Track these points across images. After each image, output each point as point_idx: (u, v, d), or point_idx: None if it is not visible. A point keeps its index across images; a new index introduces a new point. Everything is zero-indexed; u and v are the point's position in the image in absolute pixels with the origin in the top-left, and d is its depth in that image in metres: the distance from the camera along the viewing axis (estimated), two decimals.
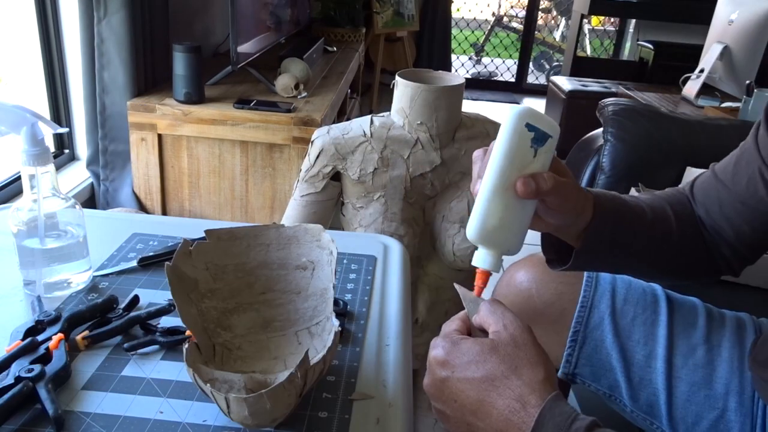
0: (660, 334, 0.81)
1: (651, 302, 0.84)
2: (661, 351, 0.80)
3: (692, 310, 0.84)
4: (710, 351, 0.79)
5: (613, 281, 0.87)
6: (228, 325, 0.69)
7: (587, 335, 0.84)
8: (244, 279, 0.72)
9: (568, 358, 0.85)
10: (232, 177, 1.84)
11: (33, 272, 0.75)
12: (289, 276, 0.73)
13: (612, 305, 0.84)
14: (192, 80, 1.77)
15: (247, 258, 0.73)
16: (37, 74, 1.83)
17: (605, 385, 0.84)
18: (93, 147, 1.85)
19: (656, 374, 0.80)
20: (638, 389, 0.81)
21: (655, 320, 0.82)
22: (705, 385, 0.78)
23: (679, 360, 0.79)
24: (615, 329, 0.82)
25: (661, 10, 4.22)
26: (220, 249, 0.71)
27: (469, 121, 1.30)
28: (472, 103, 4.85)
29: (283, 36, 2.53)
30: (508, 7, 6.97)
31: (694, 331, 0.81)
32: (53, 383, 0.59)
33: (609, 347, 0.82)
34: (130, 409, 0.59)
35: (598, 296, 0.85)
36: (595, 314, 0.84)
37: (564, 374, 0.86)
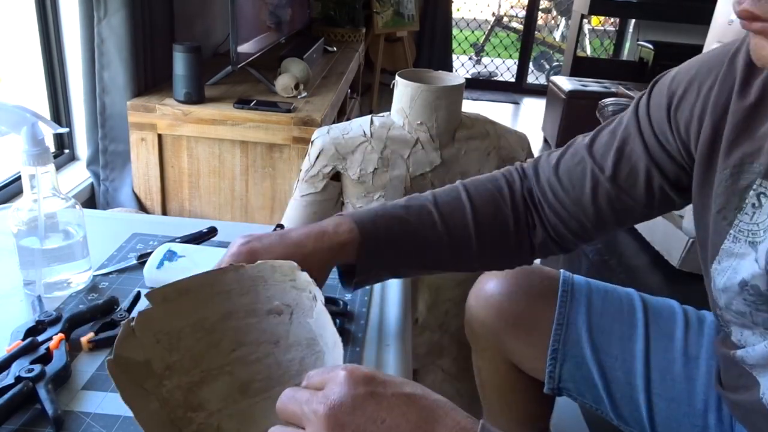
0: (638, 349, 0.79)
1: (627, 313, 0.82)
2: (639, 367, 0.78)
3: (670, 318, 0.81)
4: (687, 364, 0.77)
5: (589, 292, 0.85)
6: (198, 404, 0.56)
7: (566, 353, 0.82)
8: (205, 339, 0.59)
9: (551, 375, 0.83)
10: (232, 177, 1.84)
11: (33, 272, 0.75)
12: (262, 324, 0.60)
13: (588, 320, 0.82)
14: (192, 80, 1.77)
15: (205, 313, 0.59)
16: (37, 74, 1.83)
17: (590, 399, 0.83)
18: (93, 147, 1.85)
19: (636, 392, 0.78)
20: (620, 405, 0.80)
21: (633, 334, 0.80)
22: (684, 401, 0.76)
23: (657, 375, 0.78)
24: (593, 346, 0.81)
25: (661, 10, 4.22)
26: (169, 312, 0.57)
27: (469, 121, 1.30)
28: (472, 103, 4.85)
29: (283, 36, 2.53)
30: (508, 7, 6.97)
31: (671, 343, 0.79)
32: (53, 383, 0.59)
33: (590, 364, 0.81)
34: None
35: (574, 312, 0.83)
36: (572, 331, 0.82)
37: (550, 389, 0.84)
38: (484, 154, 1.28)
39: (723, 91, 0.62)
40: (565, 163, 0.74)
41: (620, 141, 0.70)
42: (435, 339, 1.35)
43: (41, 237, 0.74)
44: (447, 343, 1.36)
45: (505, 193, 0.75)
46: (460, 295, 1.33)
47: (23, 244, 0.74)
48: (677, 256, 1.73)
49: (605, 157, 0.71)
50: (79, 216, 0.77)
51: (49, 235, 0.74)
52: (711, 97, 0.62)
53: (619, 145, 0.70)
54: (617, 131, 0.71)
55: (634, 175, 0.69)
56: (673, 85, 0.67)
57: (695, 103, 0.64)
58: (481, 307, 0.89)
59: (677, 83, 0.66)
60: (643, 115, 0.69)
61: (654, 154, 0.68)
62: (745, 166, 0.59)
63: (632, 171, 0.69)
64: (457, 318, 1.34)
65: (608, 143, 0.71)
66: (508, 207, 0.74)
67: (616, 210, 0.71)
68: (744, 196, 0.59)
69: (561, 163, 0.74)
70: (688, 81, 0.65)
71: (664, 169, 0.68)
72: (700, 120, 0.63)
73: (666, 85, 0.68)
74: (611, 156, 0.70)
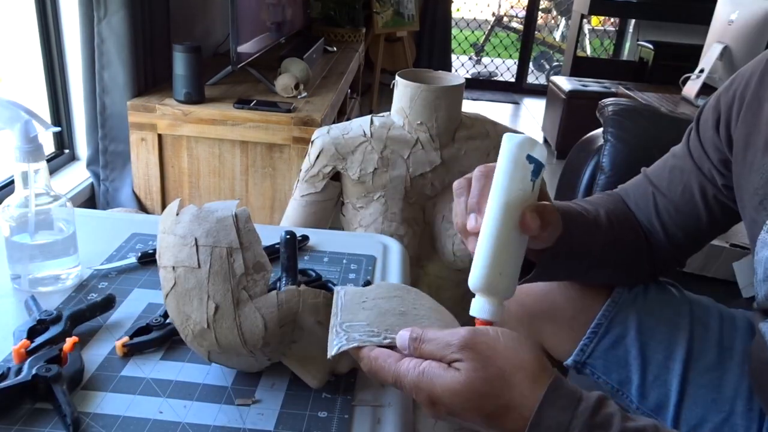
0: (681, 336, 0.81)
1: (675, 302, 0.85)
2: (680, 353, 0.80)
3: (707, 311, 0.84)
4: (722, 353, 0.79)
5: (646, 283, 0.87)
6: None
7: (609, 329, 0.83)
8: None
9: (584, 348, 0.84)
10: (232, 177, 1.84)
11: (20, 267, 0.76)
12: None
13: (642, 305, 0.84)
14: (192, 80, 1.77)
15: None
16: (37, 74, 1.83)
17: (615, 379, 0.83)
18: (93, 147, 1.85)
19: (672, 375, 0.79)
20: (651, 388, 0.81)
21: (678, 322, 0.82)
22: (714, 388, 0.77)
23: (694, 362, 0.79)
24: (639, 327, 0.82)
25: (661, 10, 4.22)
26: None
27: (469, 121, 1.30)
28: (472, 103, 4.85)
29: (283, 36, 2.53)
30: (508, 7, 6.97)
31: (707, 333, 0.81)
32: (68, 385, 0.60)
33: (629, 344, 0.82)
34: (130, 409, 0.59)
35: (632, 295, 0.85)
36: (622, 311, 0.84)
37: (574, 362, 0.85)
38: (484, 154, 1.28)
39: (761, 87, 0.67)
40: (630, 189, 0.84)
41: (671, 165, 0.81)
42: None
43: (31, 233, 0.74)
44: None
45: (629, 211, 0.83)
46: (460, 295, 1.33)
47: (12, 239, 0.74)
48: None
49: (660, 178, 0.81)
50: (69, 213, 0.77)
51: (39, 231, 0.75)
52: (748, 95, 0.68)
53: (670, 169, 0.80)
54: (668, 159, 0.82)
55: (689, 192, 0.77)
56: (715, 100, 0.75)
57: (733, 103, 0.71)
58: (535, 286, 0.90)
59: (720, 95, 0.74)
60: (693, 140, 0.78)
61: (706, 173, 0.76)
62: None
63: (686, 189, 0.78)
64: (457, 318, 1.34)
65: (661, 167, 0.82)
66: (635, 220, 0.82)
67: (681, 227, 0.79)
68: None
69: (629, 190, 0.84)
70: (725, 89, 0.73)
71: (718, 184, 0.75)
72: (738, 116, 0.69)
73: (711, 105, 0.76)
74: (665, 177, 0.80)
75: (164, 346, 0.68)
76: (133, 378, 0.63)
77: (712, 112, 0.76)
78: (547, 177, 1.70)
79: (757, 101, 0.67)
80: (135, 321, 0.73)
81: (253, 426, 0.58)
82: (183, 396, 0.61)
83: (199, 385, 0.63)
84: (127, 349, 0.66)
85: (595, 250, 0.76)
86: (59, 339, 0.65)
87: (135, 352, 0.67)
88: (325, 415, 0.60)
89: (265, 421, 0.59)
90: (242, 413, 0.60)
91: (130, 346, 0.66)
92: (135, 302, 0.76)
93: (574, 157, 1.82)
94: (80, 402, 0.59)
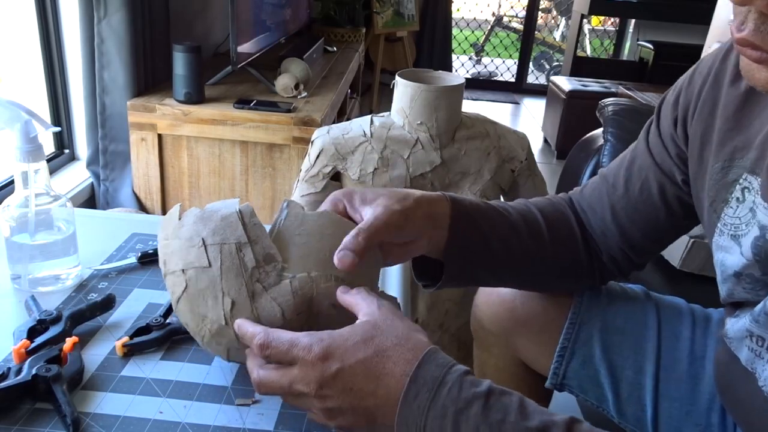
0: (649, 349, 0.79)
1: (641, 312, 0.82)
2: (650, 367, 0.78)
3: (678, 318, 0.81)
4: (693, 364, 0.77)
5: (607, 293, 0.84)
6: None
7: (575, 351, 0.82)
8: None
9: (555, 371, 0.83)
10: (232, 177, 1.84)
11: (20, 267, 0.76)
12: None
13: (603, 320, 0.82)
14: (192, 80, 1.77)
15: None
16: (37, 74, 1.83)
17: (593, 397, 0.82)
18: (93, 147, 1.85)
19: (644, 391, 0.78)
20: (626, 405, 0.79)
21: (645, 333, 0.80)
22: (688, 400, 0.76)
23: (665, 375, 0.77)
24: (603, 345, 0.80)
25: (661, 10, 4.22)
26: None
27: (469, 121, 1.30)
28: (472, 103, 4.85)
29: (283, 36, 2.53)
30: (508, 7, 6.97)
31: (679, 343, 0.79)
32: (68, 385, 0.60)
33: (597, 363, 0.80)
34: (130, 409, 0.59)
35: (589, 313, 0.82)
36: (584, 330, 0.82)
37: (552, 384, 0.84)
38: (484, 154, 1.28)
39: (716, 85, 0.64)
40: (586, 190, 0.81)
41: (629, 162, 0.76)
42: (435, 339, 1.35)
43: (31, 232, 0.74)
44: (447, 343, 1.36)
45: (564, 206, 0.80)
46: (459, 295, 1.33)
47: (12, 239, 0.74)
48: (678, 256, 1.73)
49: (617, 177, 0.77)
50: (69, 213, 0.77)
51: (39, 231, 0.75)
52: (704, 92, 0.65)
53: (627, 166, 0.76)
54: (626, 155, 0.78)
55: (646, 188, 0.74)
56: (675, 94, 0.71)
57: (691, 101, 0.67)
58: (494, 304, 0.89)
59: (679, 91, 0.70)
60: (653, 135, 0.74)
61: (665, 168, 0.72)
62: (735, 160, 0.60)
63: (644, 185, 0.74)
64: (457, 318, 1.34)
65: (618, 165, 0.78)
66: (572, 216, 0.79)
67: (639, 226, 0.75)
68: (730, 190, 0.61)
69: (584, 191, 0.81)
70: (685, 87, 0.69)
71: (677, 181, 0.72)
72: (693, 114, 0.66)
73: (669, 99, 0.72)
74: (622, 175, 0.76)
75: (164, 346, 0.68)
76: (133, 378, 0.63)
77: (672, 108, 0.72)
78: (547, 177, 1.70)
79: (711, 100, 0.65)
80: (135, 321, 0.73)
81: (253, 426, 0.58)
82: (183, 396, 0.61)
83: (199, 385, 0.63)
84: (127, 349, 0.66)
85: (515, 250, 0.73)
86: (59, 339, 0.65)
87: (135, 352, 0.67)
88: None
89: (265, 421, 0.59)
90: (242, 413, 0.60)
91: (130, 346, 0.66)
92: (135, 302, 0.76)
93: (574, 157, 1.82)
94: (80, 402, 0.59)
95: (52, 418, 0.57)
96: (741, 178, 0.59)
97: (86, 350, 0.67)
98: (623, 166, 0.77)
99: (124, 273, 0.83)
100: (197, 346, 0.69)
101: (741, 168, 0.60)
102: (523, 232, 0.73)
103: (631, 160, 0.76)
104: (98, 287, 0.79)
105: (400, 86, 1.24)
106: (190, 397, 0.61)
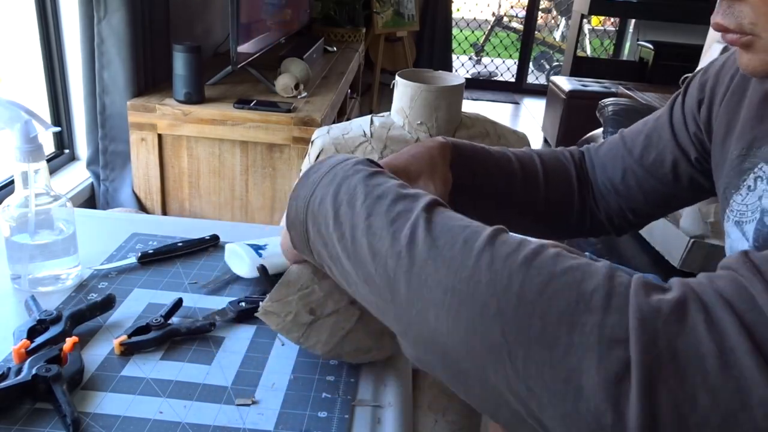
0: None
1: None
2: None
3: None
4: None
5: None
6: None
7: None
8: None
9: None
10: (232, 177, 1.84)
11: (20, 267, 0.76)
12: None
13: None
14: (192, 80, 1.77)
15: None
16: (37, 74, 1.83)
17: None
18: (93, 147, 1.85)
19: None
20: None
21: None
22: None
23: None
24: None
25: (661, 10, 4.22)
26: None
27: (469, 121, 1.30)
28: (472, 103, 4.85)
29: (283, 36, 2.53)
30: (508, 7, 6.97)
31: None
32: (68, 385, 0.60)
33: None
34: (130, 409, 0.59)
35: None
36: None
37: None
38: None
39: (746, 76, 0.65)
40: (603, 147, 0.82)
41: (650, 129, 0.78)
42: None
43: (31, 233, 0.74)
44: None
45: (569, 160, 0.83)
46: None
47: (12, 239, 0.74)
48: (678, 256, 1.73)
49: (635, 142, 0.78)
50: (69, 213, 0.77)
51: (39, 231, 0.75)
52: (734, 83, 0.67)
53: (648, 133, 0.77)
54: (649, 121, 0.79)
55: (660, 160, 0.76)
56: (704, 77, 0.73)
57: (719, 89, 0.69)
58: None
59: (708, 75, 0.72)
60: (677, 109, 0.76)
61: (682, 144, 0.74)
62: (753, 150, 0.62)
63: (659, 156, 0.76)
64: None
65: (639, 130, 0.79)
66: (573, 170, 0.82)
67: (646, 192, 0.77)
68: (744, 177, 0.62)
69: (601, 148, 0.83)
70: (716, 72, 0.71)
71: (691, 158, 0.74)
72: (722, 102, 0.68)
73: (697, 79, 0.74)
74: (640, 141, 0.78)
75: (164, 346, 0.68)
76: (133, 378, 0.63)
77: (699, 90, 0.74)
78: None
79: (740, 90, 0.66)
80: (135, 321, 0.73)
81: (253, 426, 0.58)
82: (183, 396, 0.61)
83: (199, 385, 0.63)
84: (125, 348, 0.66)
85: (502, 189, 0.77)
86: (59, 339, 0.65)
87: (134, 351, 0.67)
88: (325, 415, 0.60)
89: (265, 421, 0.59)
90: (242, 413, 0.60)
91: (128, 345, 0.66)
92: (135, 302, 0.76)
93: None
94: (80, 402, 0.59)
95: (52, 418, 0.57)
96: (756, 167, 0.61)
97: (86, 350, 0.67)
98: (643, 132, 0.78)
99: (124, 273, 0.83)
100: (197, 346, 0.69)
101: (758, 158, 0.61)
102: (518, 178, 0.77)
103: (652, 128, 0.78)
104: (98, 287, 0.79)
105: (400, 86, 1.24)
106: (190, 397, 0.61)
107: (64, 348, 0.63)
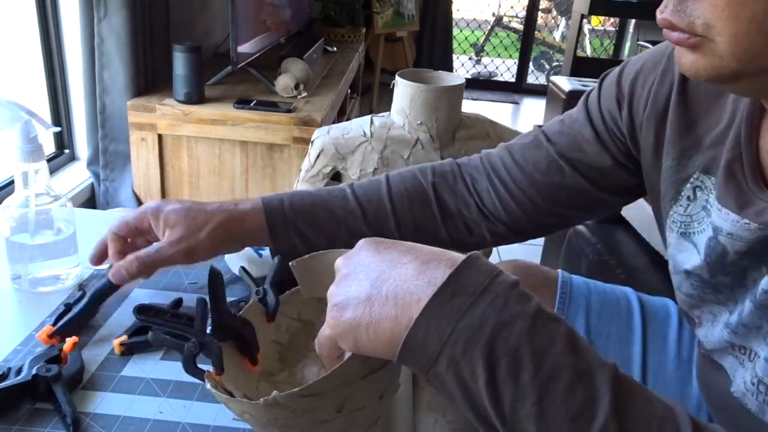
0: (635, 352, 0.78)
1: (626, 314, 0.81)
2: (636, 370, 0.77)
3: (665, 320, 0.81)
4: (680, 367, 0.77)
5: (587, 293, 0.84)
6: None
7: None
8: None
9: None
10: (232, 177, 1.84)
11: (20, 267, 0.76)
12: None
13: (586, 323, 0.81)
14: (192, 80, 1.77)
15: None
16: (37, 74, 1.83)
17: None
18: (93, 147, 1.85)
19: None
20: None
21: (630, 337, 0.79)
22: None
23: (652, 378, 0.77)
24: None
25: None
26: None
27: (469, 121, 1.30)
28: (472, 103, 4.85)
29: (283, 36, 2.53)
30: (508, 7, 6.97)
31: (665, 344, 0.78)
32: (68, 385, 0.60)
33: None
34: (130, 409, 0.59)
35: (572, 314, 0.81)
36: None
37: None
38: None
39: (664, 83, 0.63)
40: (517, 145, 0.76)
41: (569, 128, 0.72)
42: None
43: (31, 232, 0.74)
44: None
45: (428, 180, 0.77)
46: None
47: (12, 239, 0.75)
48: None
49: (557, 137, 0.73)
50: (69, 213, 0.78)
51: (39, 231, 0.75)
52: (653, 90, 0.64)
53: (569, 132, 0.72)
54: (565, 120, 0.74)
55: (586, 159, 0.71)
56: (622, 78, 0.68)
57: (641, 94, 0.66)
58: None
59: (626, 76, 0.68)
60: (593, 104, 0.71)
61: (605, 142, 0.70)
62: (685, 159, 0.60)
63: (583, 155, 0.71)
64: None
65: (560, 130, 0.73)
66: (431, 194, 0.76)
67: (569, 189, 0.72)
68: (681, 188, 0.61)
69: (515, 146, 0.76)
70: (635, 74, 0.67)
71: (615, 155, 0.70)
72: (645, 112, 0.65)
73: (614, 78, 0.70)
74: (564, 138, 0.72)
75: (164, 346, 0.68)
76: (133, 378, 0.63)
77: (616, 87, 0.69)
78: None
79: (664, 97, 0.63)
80: (135, 321, 0.73)
81: None
82: (183, 396, 0.61)
83: (199, 385, 0.63)
84: (125, 348, 0.66)
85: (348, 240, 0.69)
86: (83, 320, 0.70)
87: (134, 351, 0.67)
88: None
89: None
90: None
91: (128, 345, 0.67)
92: (135, 302, 0.76)
93: None
94: (80, 402, 0.59)
95: (52, 418, 0.57)
96: (692, 177, 0.60)
97: (86, 350, 0.67)
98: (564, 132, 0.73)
99: None
100: None
101: (692, 167, 0.60)
102: (358, 221, 0.74)
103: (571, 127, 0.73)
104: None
105: (400, 86, 1.24)
106: (190, 397, 0.61)
107: (64, 348, 0.63)
